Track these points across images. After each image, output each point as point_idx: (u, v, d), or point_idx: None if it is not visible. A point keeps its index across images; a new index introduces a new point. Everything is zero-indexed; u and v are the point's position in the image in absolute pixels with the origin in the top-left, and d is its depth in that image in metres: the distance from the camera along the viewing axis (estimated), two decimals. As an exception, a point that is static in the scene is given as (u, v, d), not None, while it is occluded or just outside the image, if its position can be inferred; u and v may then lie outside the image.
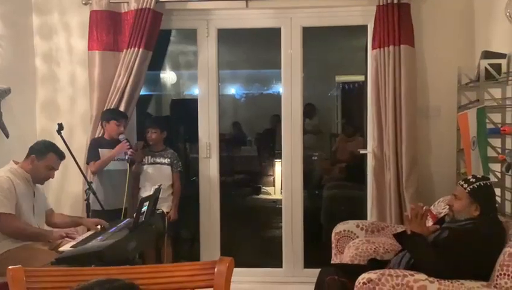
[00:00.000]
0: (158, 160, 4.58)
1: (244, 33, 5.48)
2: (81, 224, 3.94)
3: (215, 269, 1.74)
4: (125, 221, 3.74)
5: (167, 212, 4.51)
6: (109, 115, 4.42)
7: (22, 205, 3.50)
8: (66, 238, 3.58)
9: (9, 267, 1.78)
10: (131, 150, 4.29)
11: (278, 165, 7.25)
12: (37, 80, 4.79)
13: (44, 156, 3.62)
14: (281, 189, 4.96)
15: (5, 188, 3.43)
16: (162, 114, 7.26)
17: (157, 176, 4.52)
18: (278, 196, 6.83)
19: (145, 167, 4.58)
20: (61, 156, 3.73)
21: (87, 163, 4.37)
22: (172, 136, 5.64)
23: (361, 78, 6.34)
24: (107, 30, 4.54)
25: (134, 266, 2.93)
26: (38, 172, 3.64)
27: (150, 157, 4.59)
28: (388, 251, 3.54)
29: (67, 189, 4.75)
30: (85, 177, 4.14)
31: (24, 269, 1.77)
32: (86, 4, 4.61)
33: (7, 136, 4.09)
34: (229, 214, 5.33)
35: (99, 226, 3.67)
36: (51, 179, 3.77)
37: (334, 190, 6.24)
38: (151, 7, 4.44)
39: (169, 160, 4.59)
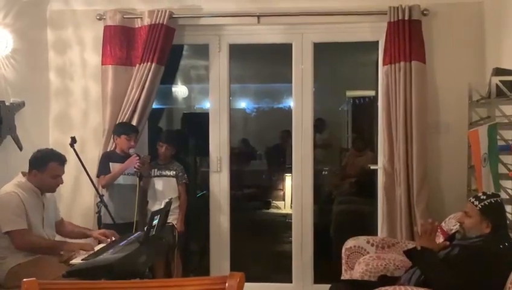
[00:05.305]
0: (164, 172, 4.62)
1: (256, 48, 5.51)
2: (88, 236, 3.86)
3: (226, 284, 1.75)
4: (135, 234, 3.74)
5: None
6: (120, 129, 4.46)
7: (31, 218, 3.49)
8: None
9: (24, 279, 1.79)
10: (138, 163, 4.31)
11: (288, 180, 7.24)
12: (50, 94, 4.84)
13: (45, 167, 3.56)
14: (291, 203, 4.95)
15: (13, 204, 3.42)
16: (173, 127, 7.28)
17: (164, 188, 4.57)
18: (288, 211, 6.81)
19: (152, 179, 4.62)
20: (61, 161, 3.63)
21: (98, 177, 4.39)
22: (183, 150, 5.65)
23: (372, 93, 6.33)
24: (120, 45, 4.60)
25: (144, 280, 2.95)
26: (45, 184, 3.60)
27: (156, 170, 4.63)
28: (399, 268, 3.53)
29: (78, 201, 4.78)
30: (97, 190, 4.17)
31: (38, 282, 1.78)
32: (100, 19, 4.67)
33: (20, 149, 4.14)
34: (239, 228, 5.32)
35: (109, 239, 3.64)
36: (62, 191, 3.75)
37: (345, 205, 6.21)
38: (165, 23, 4.50)
39: (174, 172, 4.62)
